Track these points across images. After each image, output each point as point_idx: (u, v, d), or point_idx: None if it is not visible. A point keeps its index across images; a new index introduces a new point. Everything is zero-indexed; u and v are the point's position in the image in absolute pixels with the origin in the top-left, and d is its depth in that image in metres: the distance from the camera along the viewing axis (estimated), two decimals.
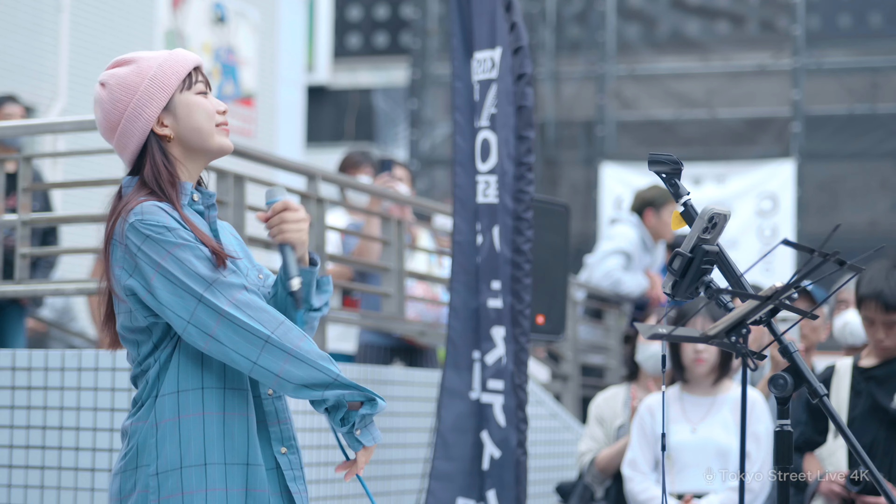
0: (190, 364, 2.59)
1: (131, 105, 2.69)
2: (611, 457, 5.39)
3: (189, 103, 2.71)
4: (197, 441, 2.56)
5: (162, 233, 2.56)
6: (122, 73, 2.73)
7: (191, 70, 2.73)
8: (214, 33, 12.83)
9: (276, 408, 2.66)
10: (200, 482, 2.56)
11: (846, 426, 2.71)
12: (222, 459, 2.57)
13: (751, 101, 13.49)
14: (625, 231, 8.23)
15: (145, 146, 2.70)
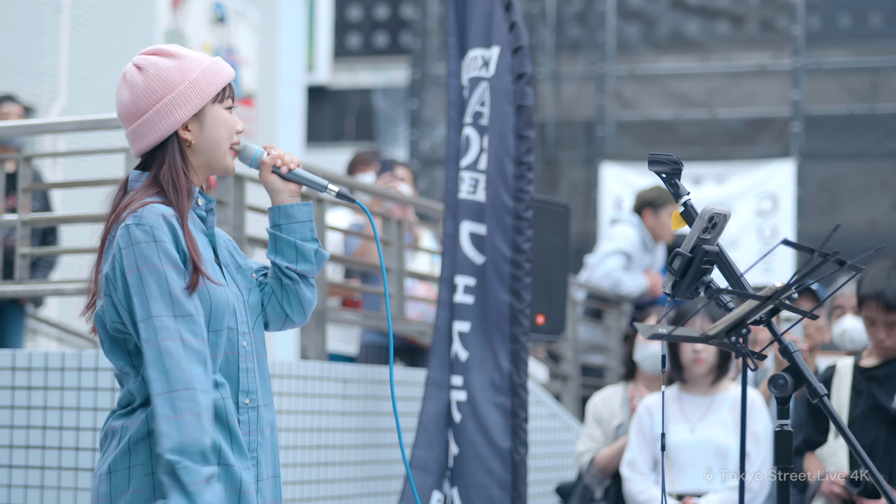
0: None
1: (165, 100, 2.66)
2: (610, 456, 5.39)
3: (217, 116, 2.71)
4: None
5: (148, 244, 2.55)
6: (163, 65, 2.68)
7: (227, 84, 2.74)
8: (214, 33, 12.83)
9: (248, 418, 2.66)
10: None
11: (847, 426, 2.71)
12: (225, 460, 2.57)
13: (751, 101, 13.49)
14: (625, 231, 8.24)
15: (163, 144, 2.68)
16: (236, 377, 2.65)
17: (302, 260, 2.77)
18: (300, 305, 2.80)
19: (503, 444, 4.89)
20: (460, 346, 4.98)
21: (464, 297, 4.98)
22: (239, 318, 2.68)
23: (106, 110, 10.47)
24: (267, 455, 2.70)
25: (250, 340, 2.70)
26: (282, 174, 2.80)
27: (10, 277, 5.59)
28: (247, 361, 2.67)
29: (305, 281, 2.79)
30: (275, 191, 2.80)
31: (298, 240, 2.77)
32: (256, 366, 2.71)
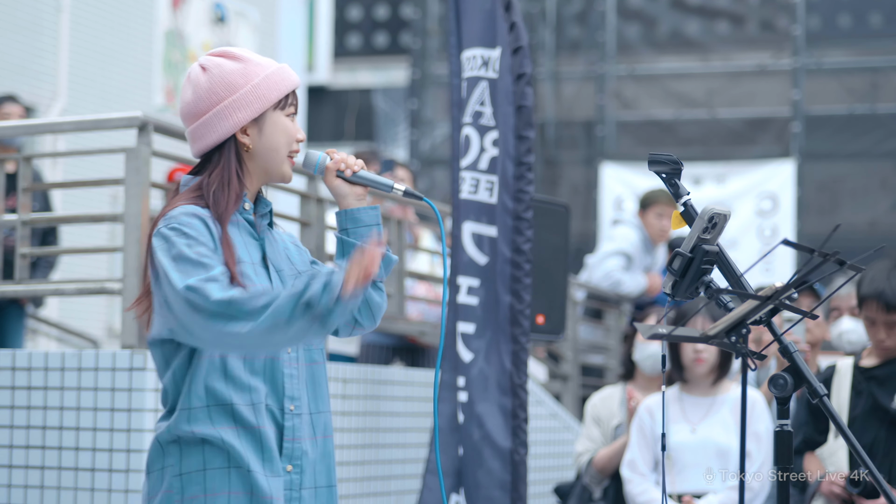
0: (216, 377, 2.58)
1: (225, 103, 2.65)
2: (609, 457, 5.39)
3: (277, 123, 2.69)
4: (219, 446, 2.56)
5: (178, 237, 2.55)
6: (227, 68, 2.68)
7: (290, 91, 2.72)
8: (214, 33, 12.83)
9: (293, 425, 2.64)
10: (223, 485, 2.56)
11: (846, 426, 2.71)
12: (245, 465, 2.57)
13: (751, 101, 13.49)
14: (626, 232, 8.26)
15: (221, 147, 2.68)
16: (281, 382, 2.63)
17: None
18: (369, 310, 2.78)
19: (503, 444, 4.89)
20: (464, 348, 4.97)
21: (467, 297, 4.98)
22: None
23: (106, 110, 10.49)
24: (314, 464, 2.68)
25: (297, 347, 2.67)
26: (347, 178, 2.75)
27: (10, 277, 5.58)
28: (290, 367, 2.65)
29: (374, 286, 2.76)
30: (341, 195, 2.76)
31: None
32: (305, 373, 2.69)
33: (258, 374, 2.61)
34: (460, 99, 5.06)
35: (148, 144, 4.91)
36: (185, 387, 2.59)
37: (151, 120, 4.98)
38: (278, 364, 2.63)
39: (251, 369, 2.60)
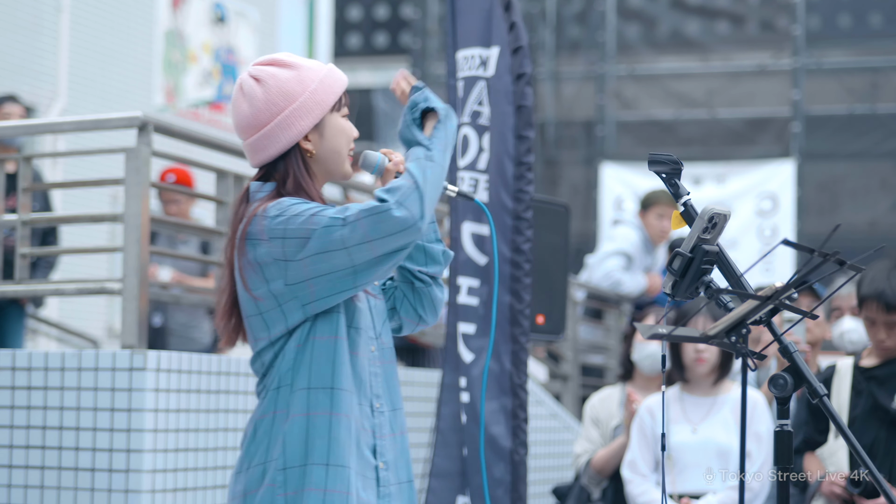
0: (323, 363, 2.60)
1: (286, 112, 2.67)
2: (607, 458, 5.38)
3: (336, 125, 2.72)
4: (322, 440, 2.57)
5: (299, 204, 2.59)
6: (282, 77, 2.68)
7: (342, 92, 2.75)
8: (214, 33, 12.83)
9: (379, 422, 2.67)
10: (321, 481, 2.56)
11: (846, 426, 2.71)
12: (346, 462, 2.58)
13: (751, 101, 13.49)
14: (626, 232, 8.26)
15: (285, 155, 2.69)
16: (367, 380, 2.67)
17: (431, 262, 2.81)
18: (433, 306, 2.83)
19: (504, 444, 4.89)
20: (465, 348, 4.97)
21: (467, 298, 4.97)
22: (366, 321, 2.69)
23: (106, 110, 10.49)
24: (398, 459, 2.71)
25: (378, 346, 2.72)
26: None
27: (10, 277, 5.59)
28: (374, 366, 2.69)
29: (436, 282, 2.83)
30: None
31: (426, 242, 2.79)
32: (383, 371, 2.72)
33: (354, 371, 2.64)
34: (456, 99, 5.05)
35: (148, 144, 4.91)
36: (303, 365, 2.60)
37: (151, 120, 4.98)
38: (365, 362, 2.66)
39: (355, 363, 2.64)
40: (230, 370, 4.97)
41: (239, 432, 4.99)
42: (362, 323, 2.66)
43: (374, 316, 2.74)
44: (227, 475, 4.92)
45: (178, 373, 4.71)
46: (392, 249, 2.51)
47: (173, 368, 4.68)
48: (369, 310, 2.72)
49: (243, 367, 5.05)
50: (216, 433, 4.88)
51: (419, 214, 2.49)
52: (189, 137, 5.35)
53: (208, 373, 4.86)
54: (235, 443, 4.97)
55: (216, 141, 5.55)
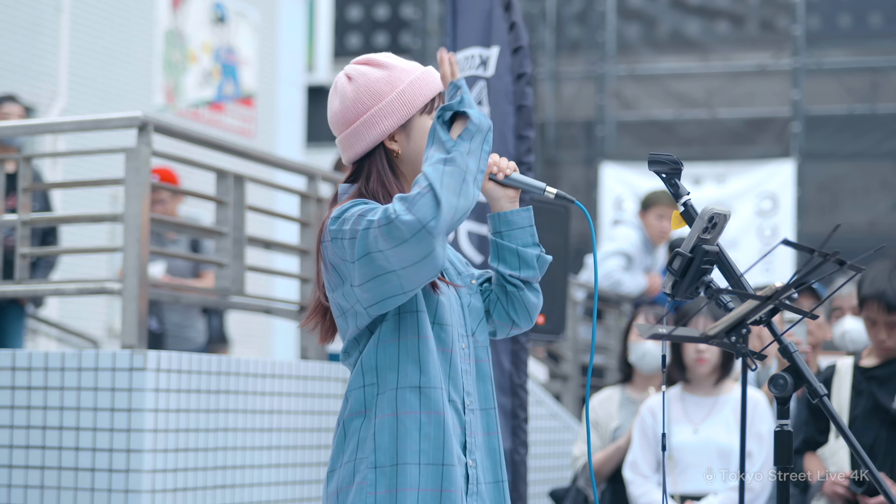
0: (409, 361, 2.60)
1: (372, 111, 2.68)
2: (604, 460, 5.38)
3: (424, 128, 2.70)
4: (413, 439, 2.57)
5: (359, 205, 2.58)
6: (372, 76, 2.70)
7: (436, 95, 2.73)
8: (214, 33, 12.83)
9: (469, 420, 2.67)
10: (414, 481, 2.56)
11: (847, 426, 2.71)
12: (436, 460, 2.58)
13: (751, 101, 13.49)
14: (626, 233, 8.27)
15: (371, 154, 2.70)
16: (458, 377, 2.66)
17: (525, 266, 2.76)
18: (526, 311, 2.79)
19: (504, 444, 4.89)
20: None
21: None
22: (456, 318, 2.69)
23: (106, 110, 10.50)
24: (486, 459, 2.70)
25: (469, 343, 2.71)
26: (498, 181, 2.76)
27: (10, 277, 5.59)
28: (465, 363, 2.69)
29: (530, 287, 2.78)
30: (493, 198, 2.77)
31: (520, 246, 2.76)
32: (475, 369, 2.72)
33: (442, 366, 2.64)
34: None
35: (148, 144, 4.91)
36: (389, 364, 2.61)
37: (151, 120, 4.98)
38: (454, 357, 2.66)
39: (443, 360, 2.64)
40: (230, 370, 4.97)
41: (239, 432, 4.99)
42: (449, 319, 2.65)
43: (467, 313, 2.73)
44: (227, 475, 4.92)
45: (178, 373, 4.71)
46: (415, 257, 2.46)
47: (173, 368, 4.68)
48: (461, 307, 2.72)
49: (243, 367, 5.05)
50: (216, 433, 4.88)
51: (430, 217, 2.42)
52: (189, 137, 5.35)
53: (208, 373, 4.86)
54: (235, 443, 4.97)
55: (216, 141, 5.55)
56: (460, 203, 2.47)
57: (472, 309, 2.76)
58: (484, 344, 2.77)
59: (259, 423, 5.09)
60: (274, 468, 5.17)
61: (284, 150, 13.36)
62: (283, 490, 5.21)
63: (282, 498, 5.20)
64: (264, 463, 5.10)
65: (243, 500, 5.00)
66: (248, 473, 5.03)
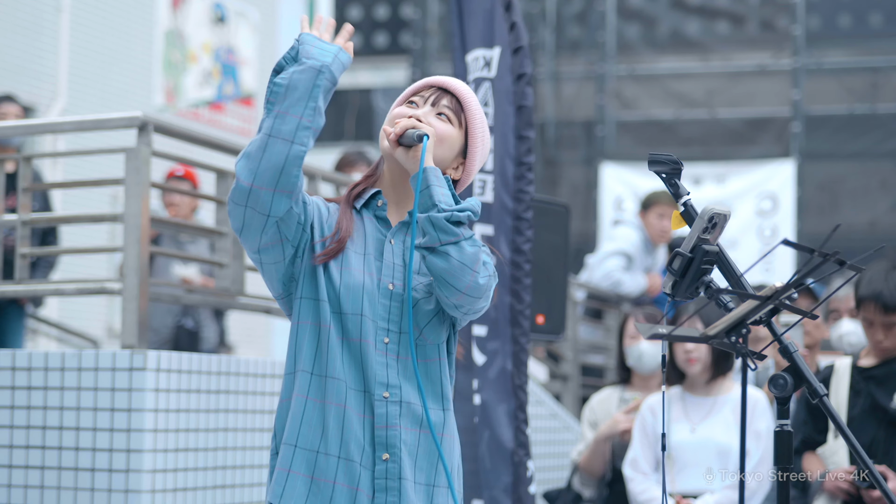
0: (304, 347, 2.66)
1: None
2: (588, 456, 5.38)
3: (392, 115, 2.79)
4: (296, 421, 2.63)
5: None
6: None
7: (422, 88, 2.81)
8: (214, 33, 12.83)
9: (387, 412, 2.65)
10: (287, 462, 2.63)
11: (846, 426, 2.71)
12: (311, 447, 2.62)
13: (751, 101, 13.49)
14: (626, 232, 8.27)
15: None
16: (370, 368, 2.65)
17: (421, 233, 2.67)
18: (441, 280, 2.62)
19: (508, 445, 4.89)
20: (477, 351, 4.95)
21: None
22: (378, 311, 2.67)
23: (106, 110, 10.50)
24: (420, 458, 2.67)
25: (397, 339, 2.68)
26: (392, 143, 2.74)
27: (10, 277, 5.59)
28: (388, 357, 2.66)
29: (434, 252, 2.62)
30: (406, 167, 2.73)
31: (415, 212, 2.65)
32: (402, 365, 2.67)
33: (347, 356, 2.65)
34: None
35: (148, 144, 4.91)
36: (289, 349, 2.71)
37: (151, 120, 4.98)
38: (366, 347, 2.66)
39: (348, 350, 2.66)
40: (230, 370, 4.97)
41: (239, 432, 4.99)
42: (356, 309, 2.65)
43: (405, 310, 2.69)
44: (227, 475, 4.92)
45: (178, 373, 4.71)
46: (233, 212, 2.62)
47: (173, 368, 4.68)
48: (399, 302, 2.69)
49: (243, 367, 5.05)
50: (216, 433, 4.88)
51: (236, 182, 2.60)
52: (189, 137, 5.35)
53: (208, 373, 4.86)
54: (235, 443, 4.97)
55: (216, 141, 5.55)
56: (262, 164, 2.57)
57: (420, 309, 2.69)
58: (433, 342, 2.70)
59: (259, 423, 5.09)
60: None
61: None
62: None
63: None
64: (264, 463, 5.10)
65: (243, 500, 5.00)
66: (248, 473, 5.03)
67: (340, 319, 2.65)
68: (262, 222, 2.60)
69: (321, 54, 2.64)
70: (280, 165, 2.57)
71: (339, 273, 2.66)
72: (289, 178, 2.58)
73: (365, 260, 2.70)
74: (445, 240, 2.60)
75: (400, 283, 2.70)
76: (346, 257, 2.68)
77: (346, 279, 2.66)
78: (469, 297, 2.63)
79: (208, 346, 7.36)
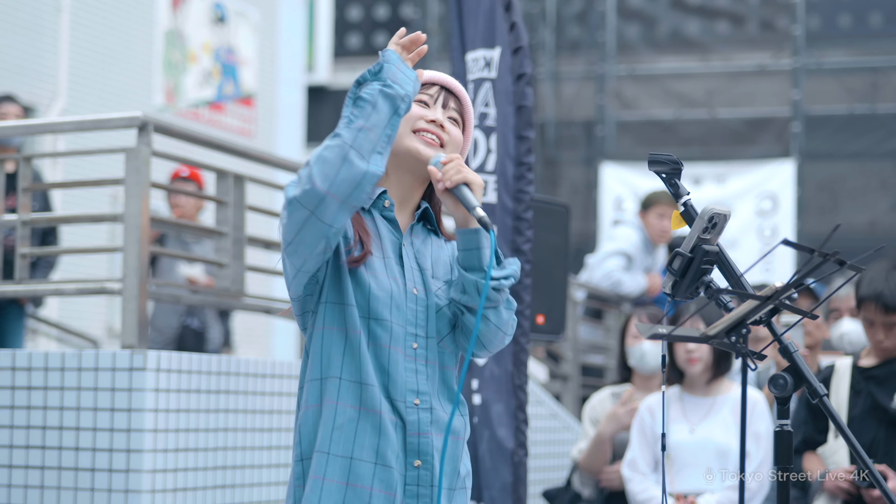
0: (332, 353, 2.62)
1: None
2: (588, 455, 5.38)
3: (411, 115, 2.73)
4: (328, 428, 2.58)
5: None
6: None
7: (427, 84, 2.77)
8: (214, 33, 12.82)
9: (419, 419, 2.64)
10: (321, 469, 2.58)
11: (846, 426, 2.71)
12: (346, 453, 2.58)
13: (751, 101, 13.49)
14: (626, 232, 8.27)
15: None
16: (399, 374, 2.63)
17: (461, 291, 2.69)
18: (464, 336, 2.72)
19: (507, 444, 4.89)
20: None
21: None
22: (406, 317, 2.66)
23: (106, 110, 10.49)
24: (446, 464, 2.66)
25: (425, 344, 2.68)
26: (440, 189, 2.68)
27: (10, 277, 5.59)
28: (417, 363, 2.66)
29: (473, 312, 2.68)
30: (452, 211, 2.69)
31: (463, 268, 2.67)
32: (431, 370, 2.68)
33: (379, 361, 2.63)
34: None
35: (148, 144, 4.91)
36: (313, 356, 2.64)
37: (151, 120, 4.98)
38: (396, 354, 2.63)
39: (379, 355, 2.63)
40: (230, 370, 4.97)
41: (239, 432, 4.99)
42: (388, 315, 2.63)
43: (432, 315, 2.69)
44: (227, 475, 4.92)
45: (178, 373, 4.71)
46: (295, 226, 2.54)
47: (173, 368, 4.68)
48: (425, 307, 2.69)
49: (243, 367, 5.05)
50: (216, 433, 4.88)
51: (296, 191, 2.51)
52: (189, 137, 5.35)
53: (208, 373, 4.86)
54: (236, 443, 4.97)
55: (216, 141, 5.55)
56: (340, 174, 2.49)
57: (442, 315, 2.71)
58: (451, 351, 2.73)
59: (259, 423, 5.09)
60: (274, 468, 5.17)
61: (284, 150, 13.35)
62: (283, 490, 5.21)
63: (282, 498, 5.20)
64: (264, 463, 5.10)
65: (243, 500, 5.00)
66: (248, 473, 5.03)
67: (369, 325, 2.62)
68: (321, 232, 2.52)
69: (404, 81, 2.58)
70: (357, 181, 2.49)
71: (366, 277, 2.63)
72: (360, 195, 2.51)
73: (386, 264, 2.67)
74: (487, 304, 2.66)
75: (421, 287, 2.70)
76: (369, 261, 2.65)
77: (374, 284, 2.63)
78: (491, 353, 2.75)
79: (213, 347, 7.38)
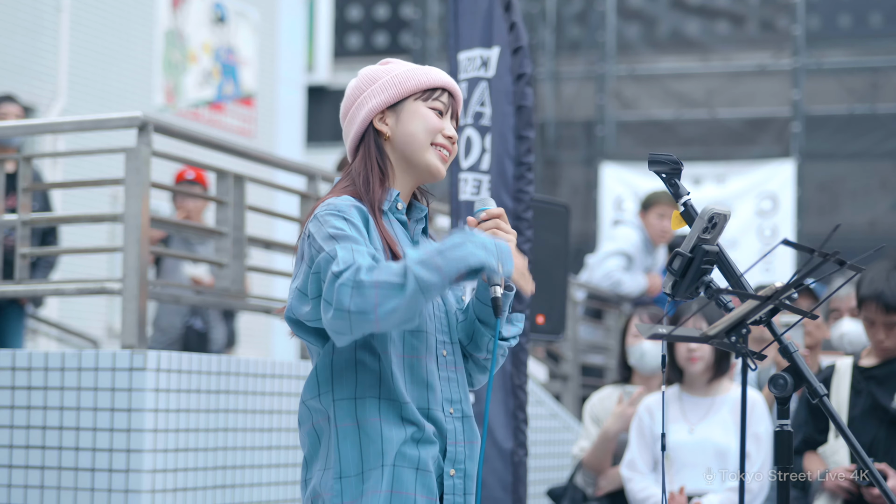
0: (367, 372, 2.56)
1: (364, 94, 2.71)
2: (593, 453, 5.38)
3: (415, 111, 2.68)
4: (376, 445, 2.53)
5: (335, 217, 2.52)
6: (373, 68, 2.76)
7: (437, 87, 2.71)
8: (214, 33, 12.83)
9: (455, 428, 2.62)
10: (377, 483, 2.53)
11: (846, 426, 2.71)
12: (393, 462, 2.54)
13: (751, 101, 13.49)
14: (626, 233, 8.27)
15: (363, 139, 2.70)
16: (435, 384, 2.61)
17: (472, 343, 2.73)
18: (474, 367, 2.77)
19: (506, 444, 4.89)
20: None
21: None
22: (436, 325, 2.65)
23: (106, 110, 10.50)
24: (473, 469, 2.66)
25: (451, 350, 2.68)
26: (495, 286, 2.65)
27: (10, 277, 5.59)
28: (448, 370, 2.65)
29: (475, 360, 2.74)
30: None
31: (478, 318, 2.70)
32: (462, 377, 2.69)
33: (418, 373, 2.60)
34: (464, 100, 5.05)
35: (148, 144, 4.91)
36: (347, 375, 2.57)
37: (151, 120, 4.98)
38: (430, 366, 2.61)
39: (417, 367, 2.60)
40: (230, 370, 4.97)
41: (239, 432, 4.99)
42: (425, 326, 2.61)
43: (452, 320, 2.70)
44: (227, 475, 4.92)
45: (178, 373, 4.71)
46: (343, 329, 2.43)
47: (173, 368, 4.68)
48: (444, 313, 2.68)
49: (243, 367, 5.05)
50: (216, 433, 4.88)
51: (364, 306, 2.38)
52: (189, 137, 5.36)
53: (208, 373, 4.86)
54: (236, 443, 4.97)
55: (216, 141, 5.55)
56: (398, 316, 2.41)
57: (453, 316, 2.73)
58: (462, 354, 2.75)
59: (259, 423, 5.09)
60: (274, 468, 5.17)
61: (284, 150, 13.36)
62: (283, 490, 5.21)
63: (282, 498, 5.20)
64: (264, 463, 5.10)
65: (243, 500, 5.00)
66: (248, 473, 5.03)
67: (403, 337, 2.58)
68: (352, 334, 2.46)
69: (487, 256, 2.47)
70: (412, 317, 2.43)
71: None
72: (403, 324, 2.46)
73: None
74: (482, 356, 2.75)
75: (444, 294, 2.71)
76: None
77: None
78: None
79: (216, 347, 7.38)
